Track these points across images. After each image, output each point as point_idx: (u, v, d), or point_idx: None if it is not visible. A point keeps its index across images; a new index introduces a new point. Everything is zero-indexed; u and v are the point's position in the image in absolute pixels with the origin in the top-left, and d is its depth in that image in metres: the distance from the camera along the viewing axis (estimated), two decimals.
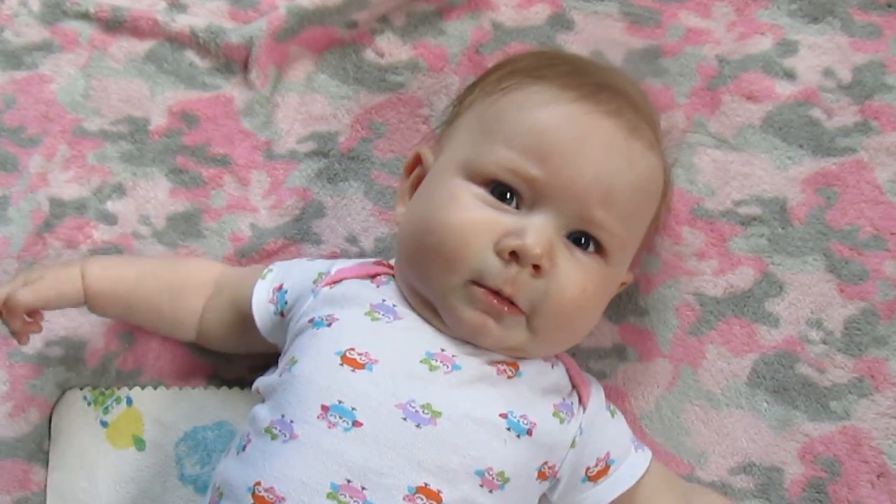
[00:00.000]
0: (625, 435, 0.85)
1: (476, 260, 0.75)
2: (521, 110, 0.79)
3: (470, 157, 0.79)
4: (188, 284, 0.91)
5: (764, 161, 0.98)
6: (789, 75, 1.01)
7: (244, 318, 0.88)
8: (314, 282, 0.84)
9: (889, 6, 1.02)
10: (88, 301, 0.89)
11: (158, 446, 0.92)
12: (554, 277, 0.76)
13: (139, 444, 0.92)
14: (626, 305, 0.95)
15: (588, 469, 0.81)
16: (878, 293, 0.93)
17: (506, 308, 0.76)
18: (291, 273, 0.87)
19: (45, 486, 0.92)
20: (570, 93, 0.79)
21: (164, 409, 0.93)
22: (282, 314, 0.85)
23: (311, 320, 0.80)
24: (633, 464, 0.83)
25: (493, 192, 0.78)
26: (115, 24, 1.07)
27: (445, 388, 0.75)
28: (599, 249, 0.79)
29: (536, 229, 0.75)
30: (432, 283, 0.78)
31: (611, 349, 0.94)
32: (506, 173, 0.77)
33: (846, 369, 0.92)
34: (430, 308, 0.79)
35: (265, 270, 0.89)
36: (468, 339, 0.78)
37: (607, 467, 0.82)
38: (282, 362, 0.81)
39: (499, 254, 0.75)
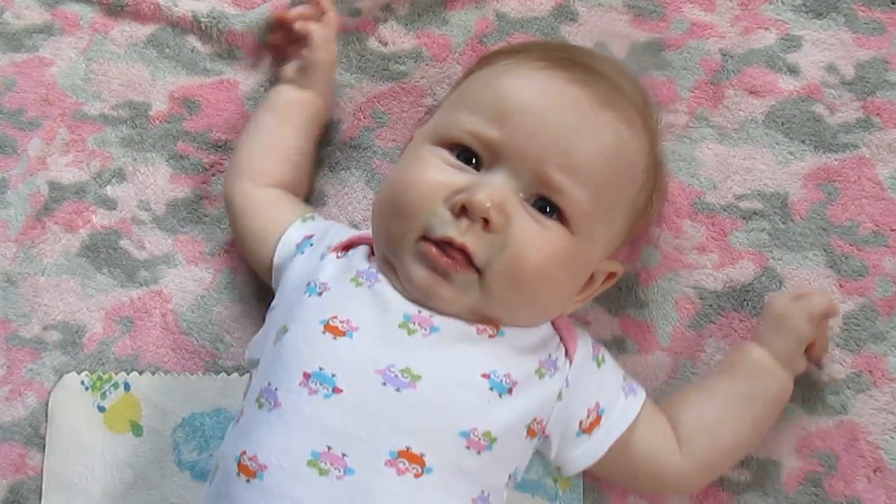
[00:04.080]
0: (614, 383, 0.84)
1: (427, 214, 0.76)
2: (487, 79, 0.81)
3: (437, 125, 0.81)
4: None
5: (766, 156, 0.98)
6: (792, 70, 1.01)
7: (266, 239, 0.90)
8: (328, 247, 0.85)
9: (893, 3, 1.02)
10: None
11: (156, 432, 0.92)
12: (511, 234, 0.76)
13: (136, 429, 0.92)
14: (625, 298, 0.95)
15: (581, 422, 0.81)
16: (877, 289, 0.94)
17: (458, 268, 0.76)
18: (327, 232, 0.88)
19: (42, 470, 0.91)
20: (538, 62, 0.80)
21: (162, 394, 0.93)
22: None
23: (308, 283, 0.81)
24: (624, 409, 0.83)
25: (458, 157, 0.78)
26: (116, 8, 1.06)
27: (424, 351, 0.76)
28: (562, 218, 0.77)
29: (488, 186, 0.76)
30: (390, 241, 0.78)
31: (610, 341, 0.94)
32: (467, 136, 0.78)
33: (844, 364, 0.92)
34: (395, 274, 0.79)
35: (307, 214, 0.91)
36: (423, 302, 0.78)
37: (599, 417, 0.82)
38: (274, 326, 0.80)
39: (451, 209, 0.76)
